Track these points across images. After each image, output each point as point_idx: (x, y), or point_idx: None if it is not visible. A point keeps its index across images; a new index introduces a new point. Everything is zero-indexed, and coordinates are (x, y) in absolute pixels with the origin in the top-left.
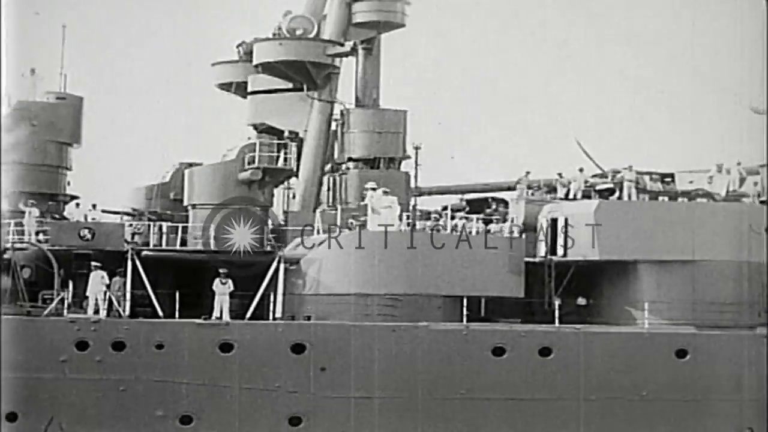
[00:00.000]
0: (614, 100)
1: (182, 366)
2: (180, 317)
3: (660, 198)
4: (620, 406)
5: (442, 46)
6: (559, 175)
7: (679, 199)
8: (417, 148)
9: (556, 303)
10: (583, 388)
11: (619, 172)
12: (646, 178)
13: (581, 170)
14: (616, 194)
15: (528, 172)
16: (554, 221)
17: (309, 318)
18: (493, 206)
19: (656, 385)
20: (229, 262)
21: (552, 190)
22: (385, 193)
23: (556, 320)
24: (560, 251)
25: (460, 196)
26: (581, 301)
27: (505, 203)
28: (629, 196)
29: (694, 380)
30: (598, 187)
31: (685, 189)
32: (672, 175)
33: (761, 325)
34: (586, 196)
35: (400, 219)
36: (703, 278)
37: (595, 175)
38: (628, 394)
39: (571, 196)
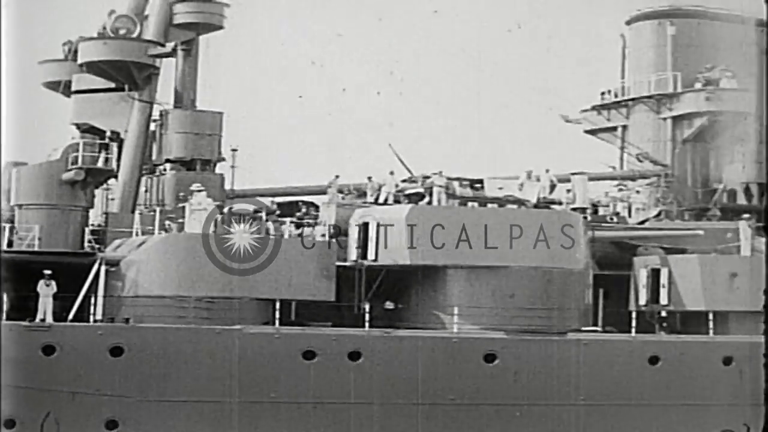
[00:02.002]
0: (425, 105)
1: (7, 369)
2: (7, 319)
3: (470, 204)
4: (428, 410)
5: (260, 49)
6: (369, 178)
7: (489, 206)
8: (234, 151)
9: (366, 307)
10: (392, 392)
11: (429, 177)
12: (456, 183)
13: (392, 173)
14: (426, 199)
15: (337, 176)
16: (365, 225)
17: (127, 320)
18: (303, 209)
19: (465, 389)
20: (53, 263)
21: (362, 194)
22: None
23: (366, 324)
24: (371, 255)
25: (271, 199)
26: (389, 305)
27: (316, 207)
28: (439, 202)
29: (502, 385)
30: (408, 192)
31: (495, 195)
32: (481, 181)
33: (572, 330)
34: (396, 200)
35: (217, 222)
36: (513, 284)
37: (405, 180)
38: (437, 399)
39: (381, 200)
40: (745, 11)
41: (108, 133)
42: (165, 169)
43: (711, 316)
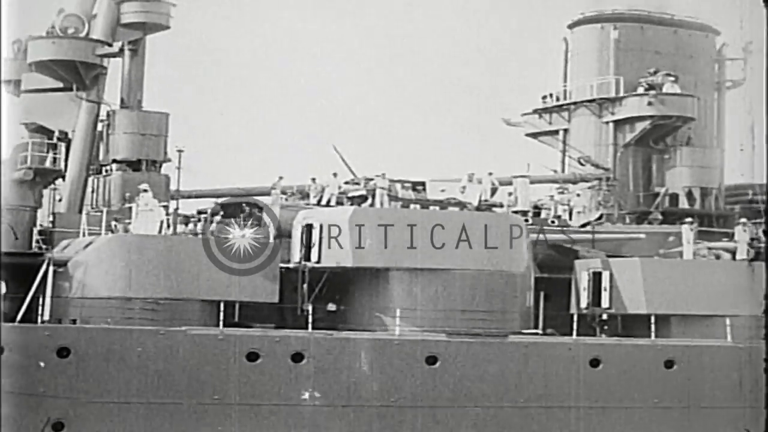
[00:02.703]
0: (369, 107)
1: None
2: None
3: (412, 206)
4: (371, 411)
5: (206, 50)
6: (313, 180)
7: (431, 208)
8: (180, 151)
9: (309, 309)
10: (334, 394)
11: (372, 179)
12: (398, 186)
13: (335, 175)
14: (369, 201)
15: (281, 177)
16: (309, 227)
17: (74, 321)
18: (247, 211)
19: (407, 391)
20: (2, 264)
21: (305, 195)
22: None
23: (309, 326)
24: (314, 257)
25: (215, 200)
26: (331, 307)
27: (260, 208)
28: (381, 204)
29: (444, 387)
30: (350, 194)
31: (437, 198)
32: (423, 184)
33: (513, 332)
34: (339, 202)
35: (163, 223)
36: (455, 286)
37: (348, 182)
38: (379, 400)
39: (324, 202)
40: (691, 17)
41: (56, 133)
42: (111, 170)
43: (653, 320)
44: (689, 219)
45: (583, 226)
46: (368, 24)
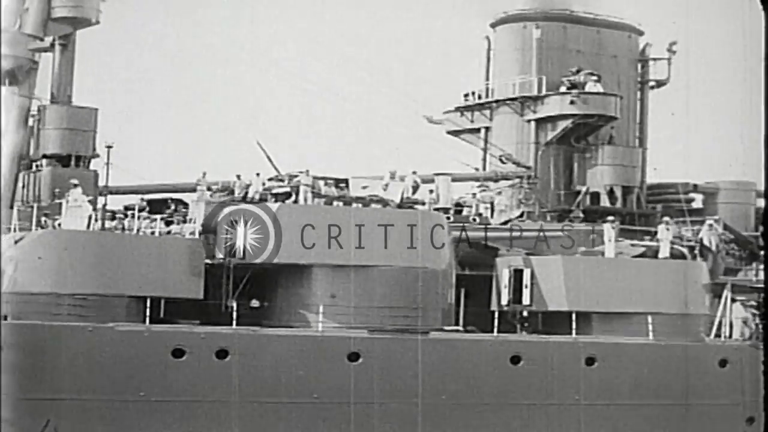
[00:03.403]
0: (292, 104)
1: None
2: None
3: (335, 203)
4: (292, 408)
5: (135, 45)
6: (238, 176)
7: (354, 205)
8: (109, 147)
9: (234, 305)
10: (258, 391)
11: (295, 176)
12: (321, 182)
13: (258, 175)
14: (293, 198)
15: (204, 173)
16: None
17: (6, 318)
18: (173, 207)
19: (329, 387)
20: None
21: (231, 192)
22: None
23: (234, 322)
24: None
25: (141, 196)
26: (254, 303)
27: (185, 204)
28: (305, 200)
29: (366, 383)
30: (275, 191)
31: (360, 195)
32: (346, 181)
33: (435, 329)
34: (263, 199)
35: (91, 218)
36: (377, 283)
37: (272, 179)
38: (301, 397)
39: (249, 198)
40: (614, 17)
41: None
42: (41, 165)
43: (573, 317)
44: (611, 217)
45: (505, 223)
46: (290, 21)
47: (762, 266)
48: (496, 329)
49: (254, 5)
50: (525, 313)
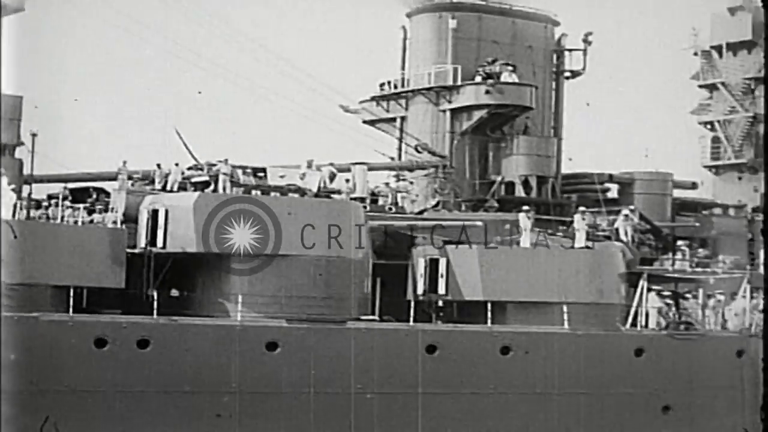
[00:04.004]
0: (210, 93)
1: None
2: None
3: (253, 192)
4: (211, 397)
5: (61, 33)
6: (158, 165)
7: (272, 194)
8: (34, 135)
9: (154, 294)
10: (179, 381)
11: (214, 165)
12: (240, 171)
13: (177, 165)
14: (212, 187)
15: (125, 162)
16: (155, 212)
17: None
18: (94, 195)
19: (248, 377)
20: None
21: (151, 181)
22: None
23: (155, 312)
24: (159, 243)
25: (64, 185)
26: (174, 293)
27: (107, 193)
28: (224, 189)
29: (284, 373)
30: (194, 180)
31: (277, 184)
32: (264, 170)
33: (351, 319)
34: (182, 188)
35: (16, 207)
36: (295, 273)
37: (191, 167)
38: (221, 387)
39: (168, 187)
40: (530, 7)
41: None
42: None
43: (489, 306)
44: (526, 207)
45: (420, 213)
46: (207, 8)
47: (677, 256)
48: (412, 319)
49: None
50: (440, 303)
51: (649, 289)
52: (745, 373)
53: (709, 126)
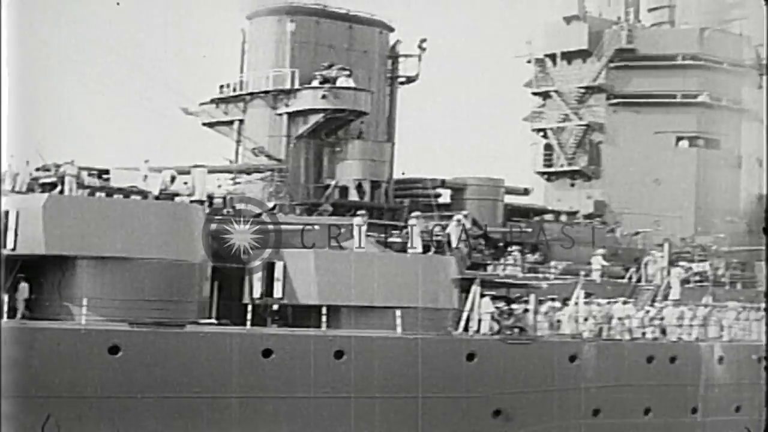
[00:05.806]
0: (57, 92)
1: None
2: None
3: (97, 194)
4: (57, 402)
5: None
6: (9, 165)
7: (116, 196)
8: None
9: (5, 298)
10: (26, 387)
11: (61, 166)
12: (85, 173)
13: (27, 163)
14: (58, 188)
15: None
16: (6, 214)
17: None
18: None
19: (92, 382)
20: None
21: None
22: None
23: (4, 315)
24: (10, 244)
25: None
26: (24, 295)
27: None
28: (71, 191)
29: (126, 377)
30: (41, 181)
31: (121, 186)
32: (108, 171)
33: (190, 322)
34: (30, 189)
35: None
36: (137, 276)
37: (39, 168)
38: (66, 392)
39: (17, 189)
40: (366, 13)
41: None
42: None
43: (324, 311)
44: (362, 211)
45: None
46: (54, 7)
47: (510, 262)
48: (249, 322)
49: None
50: (276, 307)
51: (482, 295)
52: (579, 377)
53: (542, 133)
